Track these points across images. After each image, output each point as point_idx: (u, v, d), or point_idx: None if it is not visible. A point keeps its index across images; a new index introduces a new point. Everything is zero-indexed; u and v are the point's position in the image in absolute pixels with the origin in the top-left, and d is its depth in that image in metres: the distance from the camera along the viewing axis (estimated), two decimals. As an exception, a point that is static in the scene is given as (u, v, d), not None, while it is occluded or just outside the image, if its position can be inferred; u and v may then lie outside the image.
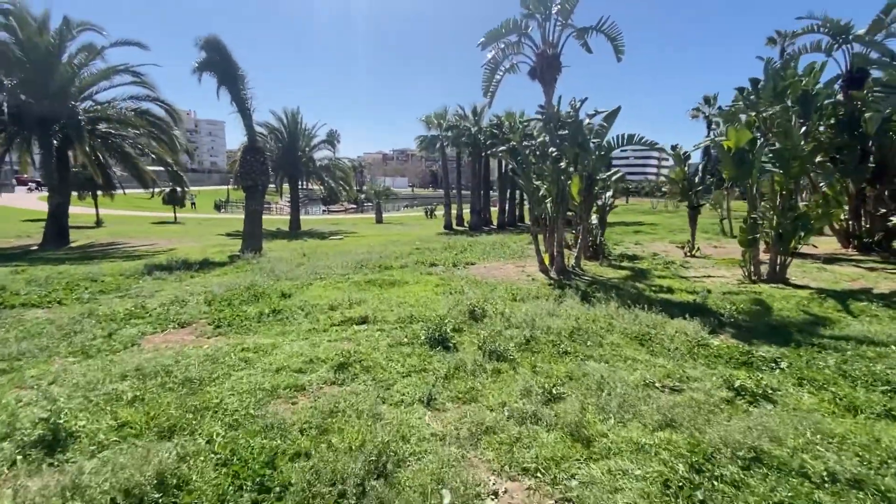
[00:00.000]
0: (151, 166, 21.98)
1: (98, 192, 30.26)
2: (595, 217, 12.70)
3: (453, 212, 31.61)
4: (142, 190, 30.22)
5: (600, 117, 10.62)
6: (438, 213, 46.45)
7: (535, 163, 10.41)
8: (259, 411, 3.59)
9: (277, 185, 34.47)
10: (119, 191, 26.80)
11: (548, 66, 10.63)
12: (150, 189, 21.11)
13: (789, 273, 9.36)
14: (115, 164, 19.09)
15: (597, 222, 12.53)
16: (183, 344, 5.37)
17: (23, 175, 46.27)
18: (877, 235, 13.00)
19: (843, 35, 14.56)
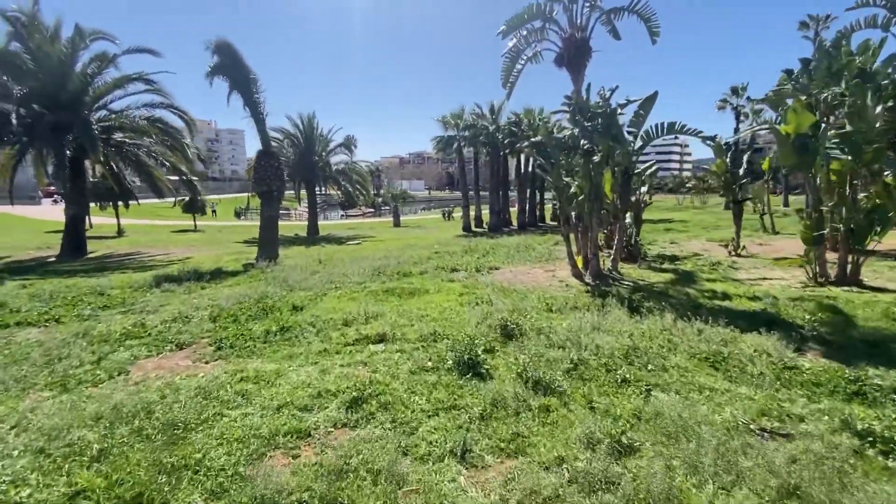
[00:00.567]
0: (170, 175, 21.85)
1: (119, 203, 30.61)
2: (629, 215, 11.72)
3: (472, 213, 30.77)
4: (164, 199, 30.52)
5: (635, 105, 9.66)
6: (456, 215, 45.65)
7: (563, 158, 9.51)
8: (251, 470, 2.85)
9: (296, 191, 34.28)
10: (137, 201, 26.93)
11: (576, 52, 9.74)
12: (164, 198, 20.89)
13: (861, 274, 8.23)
14: (129, 173, 18.93)
15: (631, 221, 11.54)
16: (176, 371, 4.69)
17: (49, 187, 47.40)
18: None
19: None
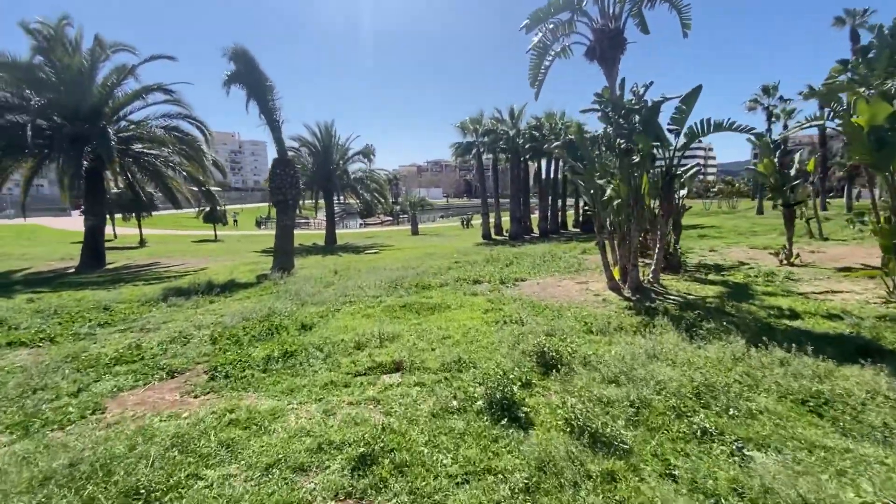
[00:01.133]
0: (192, 186, 21.75)
1: (142, 213, 30.95)
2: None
3: (491, 220, 29.94)
4: (183, 209, 30.69)
5: (674, 101, 8.73)
6: (475, 223, 44.84)
7: (597, 159, 8.65)
8: (219, 571, 2.10)
9: (314, 200, 34.11)
10: (160, 211, 27.09)
11: (610, 44, 8.89)
12: (181, 208, 20.75)
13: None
14: (146, 182, 18.82)
15: (669, 228, 10.54)
16: (158, 409, 4.02)
17: (79, 199, 48.64)
18: None
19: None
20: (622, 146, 8.19)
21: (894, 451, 2.93)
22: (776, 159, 11.28)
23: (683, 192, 11.10)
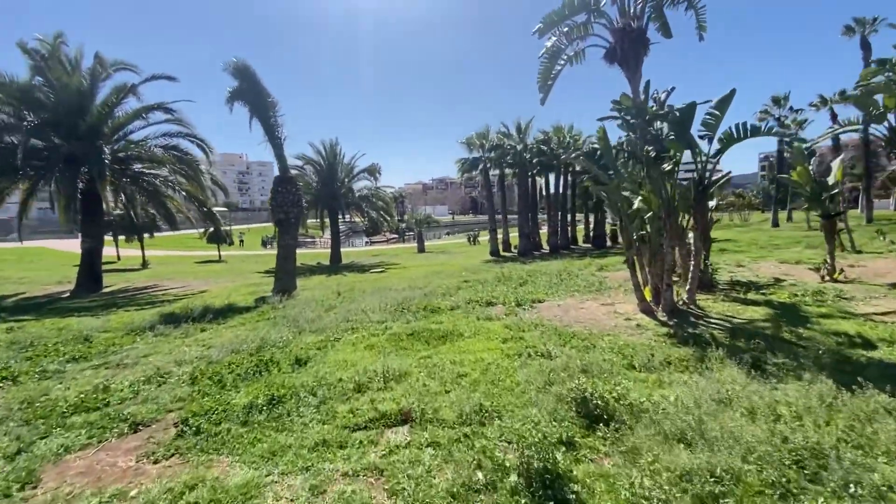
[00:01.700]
0: (196, 206, 21.25)
1: (145, 234, 30.60)
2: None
3: (499, 237, 29.13)
4: (181, 230, 30.30)
5: (707, 105, 7.97)
6: (482, 239, 44.07)
7: (623, 168, 7.87)
8: None
9: (319, 219, 33.61)
10: (163, 232, 26.66)
11: (632, 44, 8.22)
12: (178, 230, 20.19)
13: None
14: (145, 203, 18.32)
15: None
16: (103, 483, 3.19)
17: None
18: None
19: None
20: (651, 153, 7.41)
21: None
22: (811, 167, 10.44)
23: (712, 203, 10.26)
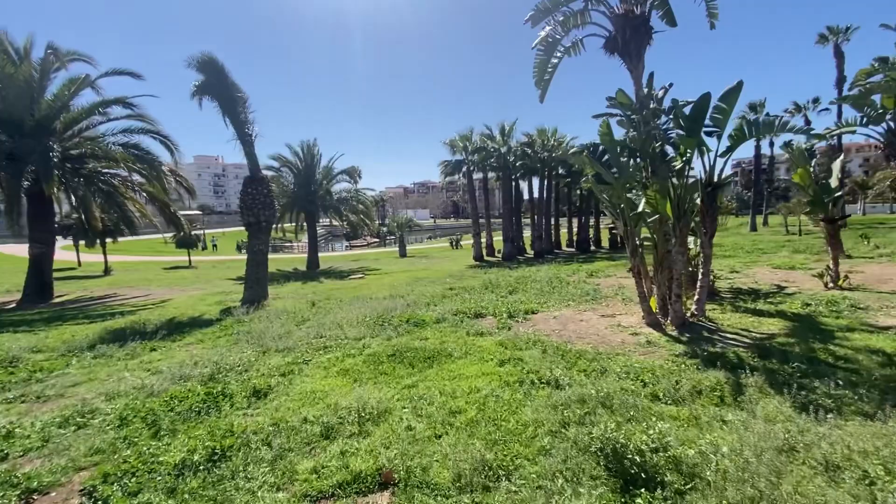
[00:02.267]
0: (166, 209, 19.75)
1: (108, 239, 28.71)
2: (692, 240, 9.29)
3: (483, 241, 28.39)
4: (158, 235, 28.58)
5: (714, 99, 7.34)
6: (465, 243, 43.35)
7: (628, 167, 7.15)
8: None
9: (296, 223, 32.30)
10: (129, 237, 24.97)
11: (634, 32, 7.55)
12: (137, 234, 18.75)
13: None
14: (101, 205, 16.83)
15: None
16: None
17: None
18: None
19: None
20: (657, 150, 6.71)
21: None
22: (812, 168, 9.98)
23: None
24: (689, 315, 7.17)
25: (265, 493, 2.95)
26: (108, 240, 28.86)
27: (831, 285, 9.41)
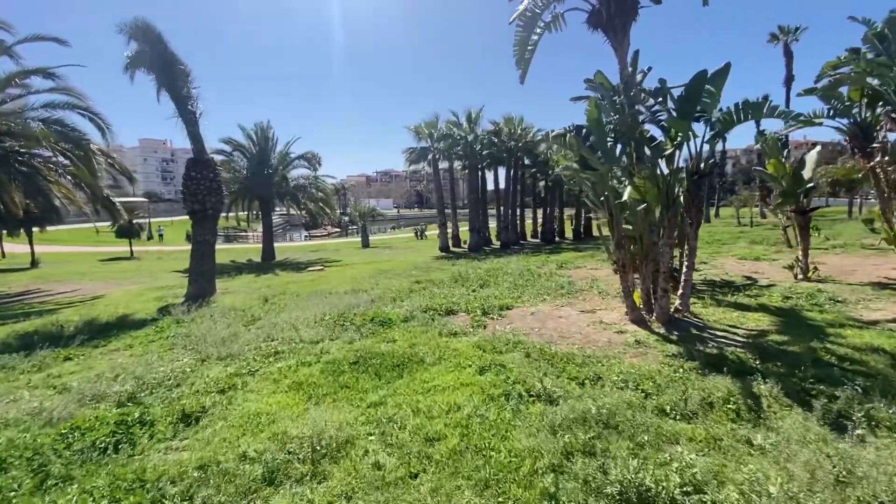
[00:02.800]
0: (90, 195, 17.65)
1: (33, 228, 25.79)
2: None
3: (449, 231, 27.70)
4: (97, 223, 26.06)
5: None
6: (430, 234, 42.54)
7: (608, 153, 6.60)
8: None
9: (249, 210, 30.36)
10: (66, 225, 22.44)
11: (618, 6, 6.97)
12: (61, 223, 16.75)
13: None
14: (18, 188, 14.74)
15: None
16: None
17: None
18: None
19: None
20: (646, 134, 6.20)
21: None
22: (785, 159, 9.91)
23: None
24: (672, 310, 6.78)
25: (176, 581, 2.12)
26: (35, 228, 25.98)
27: (801, 277, 9.40)
